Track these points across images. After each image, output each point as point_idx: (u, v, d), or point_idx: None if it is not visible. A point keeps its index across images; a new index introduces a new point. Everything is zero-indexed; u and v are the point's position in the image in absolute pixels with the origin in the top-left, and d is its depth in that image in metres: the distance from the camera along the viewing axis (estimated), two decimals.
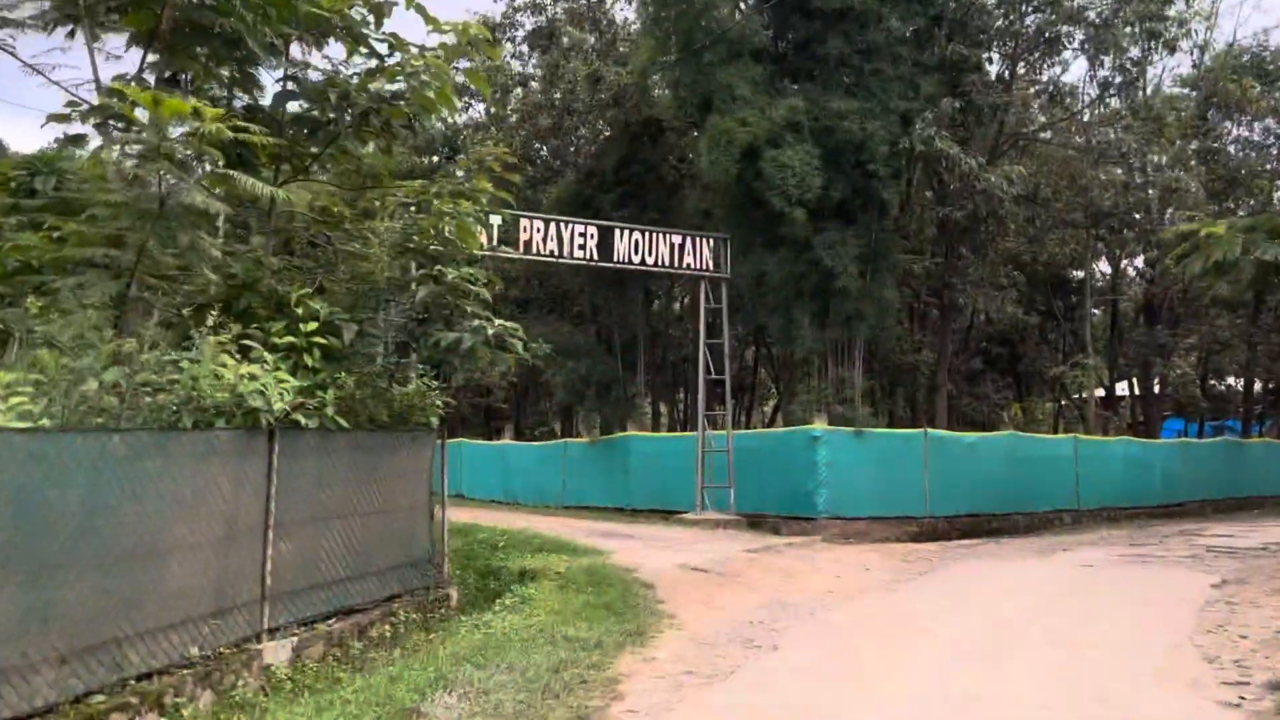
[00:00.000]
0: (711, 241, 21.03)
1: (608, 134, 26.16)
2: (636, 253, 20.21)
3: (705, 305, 21.37)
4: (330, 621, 9.20)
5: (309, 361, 9.19)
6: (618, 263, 20.14)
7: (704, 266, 20.90)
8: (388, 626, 9.91)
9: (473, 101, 33.63)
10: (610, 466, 25.49)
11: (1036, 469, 23.41)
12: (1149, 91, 26.64)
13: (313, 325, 9.28)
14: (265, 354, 8.65)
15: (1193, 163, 27.66)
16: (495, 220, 19.57)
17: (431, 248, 10.38)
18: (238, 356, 8.52)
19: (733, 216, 22.18)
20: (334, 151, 10.78)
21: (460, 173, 11.49)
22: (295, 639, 8.40)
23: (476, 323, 9.95)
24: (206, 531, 7.47)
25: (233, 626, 7.75)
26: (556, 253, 19.55)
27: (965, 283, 23.73)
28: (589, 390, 25.55)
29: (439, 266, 9.98)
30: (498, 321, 10.12)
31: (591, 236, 19.84)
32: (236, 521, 8.01)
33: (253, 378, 8.24)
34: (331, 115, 10.00)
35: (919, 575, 14.64)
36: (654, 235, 20.45)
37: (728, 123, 19.91)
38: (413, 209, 10.72)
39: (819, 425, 19.81)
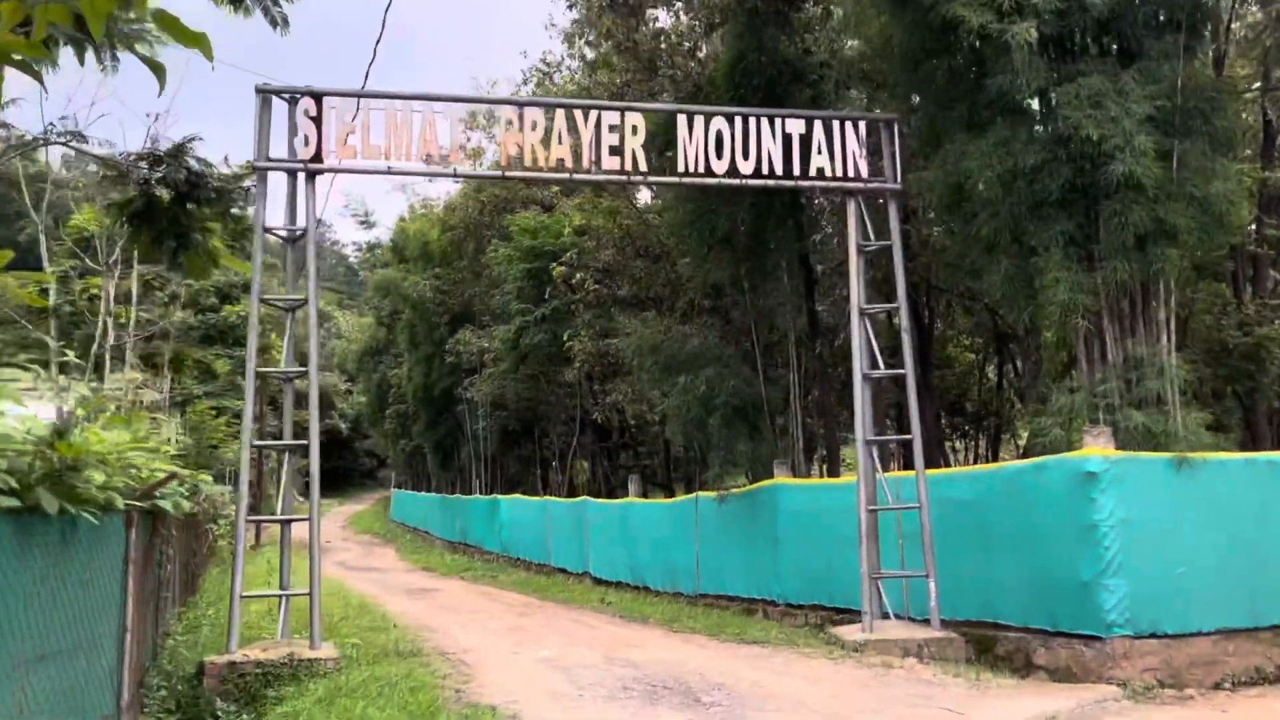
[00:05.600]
0: (863, 127, 11.67)
1: (716, 25, 17.29)
2: (720, 156, 11.20)
3: (860, 244, 11.96)
4: None
5: None
6: (683, 175, 11.22)
7: (851, 172, 11.55)
8: None
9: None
10: (752, 534, 16.30)
11: None
12: None
13: None
14: None
15: None
16: (442, 126, 11.27)
17: None
18: None
19: (896, 82, 12.70)
20: None
21: None
22: None
23: None
24: None
25: None
26: (569, 165, 10.92)
27: None
28: (711, 419, 16.47)
29: None
30: None
31: (634, 130, 11.07)
32: None
33: None
34: None
35: None
36: (755, 122, 11.37)
37: None
38: None
39: (1096, 449, 9.96)
